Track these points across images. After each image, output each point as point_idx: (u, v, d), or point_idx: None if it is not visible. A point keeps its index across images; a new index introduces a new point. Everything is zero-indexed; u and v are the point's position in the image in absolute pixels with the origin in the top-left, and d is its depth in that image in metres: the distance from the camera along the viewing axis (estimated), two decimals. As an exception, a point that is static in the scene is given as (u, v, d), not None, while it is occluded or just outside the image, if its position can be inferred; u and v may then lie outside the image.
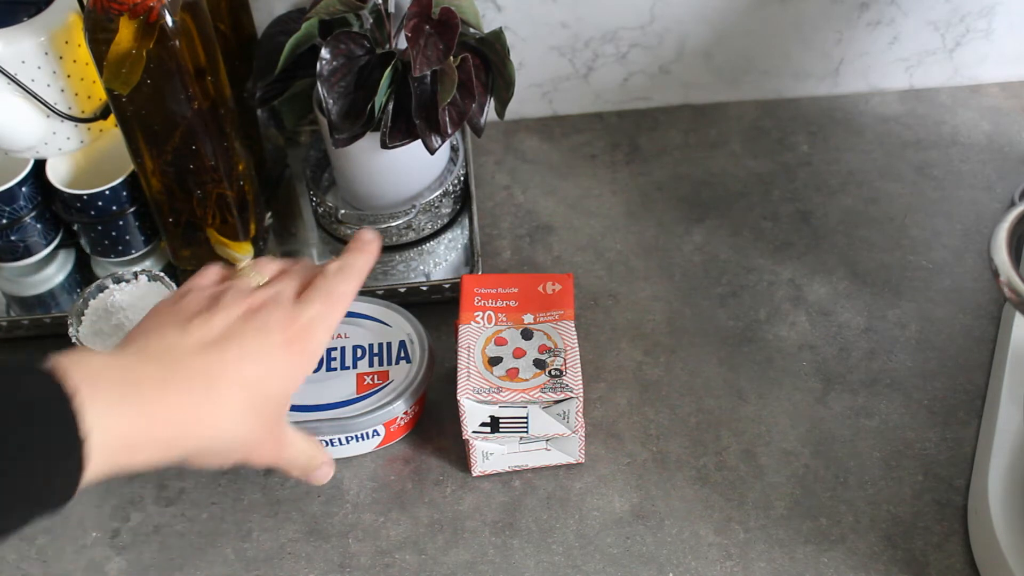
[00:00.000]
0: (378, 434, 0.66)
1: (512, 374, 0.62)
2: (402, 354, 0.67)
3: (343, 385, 0.66)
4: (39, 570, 0.64)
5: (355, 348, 0.68)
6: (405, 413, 0.66)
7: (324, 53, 0.68)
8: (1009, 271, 0.52)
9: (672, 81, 0.89)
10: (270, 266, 0.56)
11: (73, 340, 0.65)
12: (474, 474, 0.66)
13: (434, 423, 0.70)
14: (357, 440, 0.66)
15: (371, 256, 0.57)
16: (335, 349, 0.68)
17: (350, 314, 0.68)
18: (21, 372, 0.42)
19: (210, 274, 0.56)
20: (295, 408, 0.64)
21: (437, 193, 0.76)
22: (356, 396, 0.65)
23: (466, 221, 0.80)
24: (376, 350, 0.68)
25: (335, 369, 0.67)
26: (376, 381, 0.66)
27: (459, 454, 0.68)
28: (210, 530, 0.65)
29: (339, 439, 0.66)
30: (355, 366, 0.67)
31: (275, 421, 0.52)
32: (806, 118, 0.89)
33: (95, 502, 0.67)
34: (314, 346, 0.52)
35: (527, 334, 0.64)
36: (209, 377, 0.48)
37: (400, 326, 0.69)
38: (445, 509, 0.65)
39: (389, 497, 0.66)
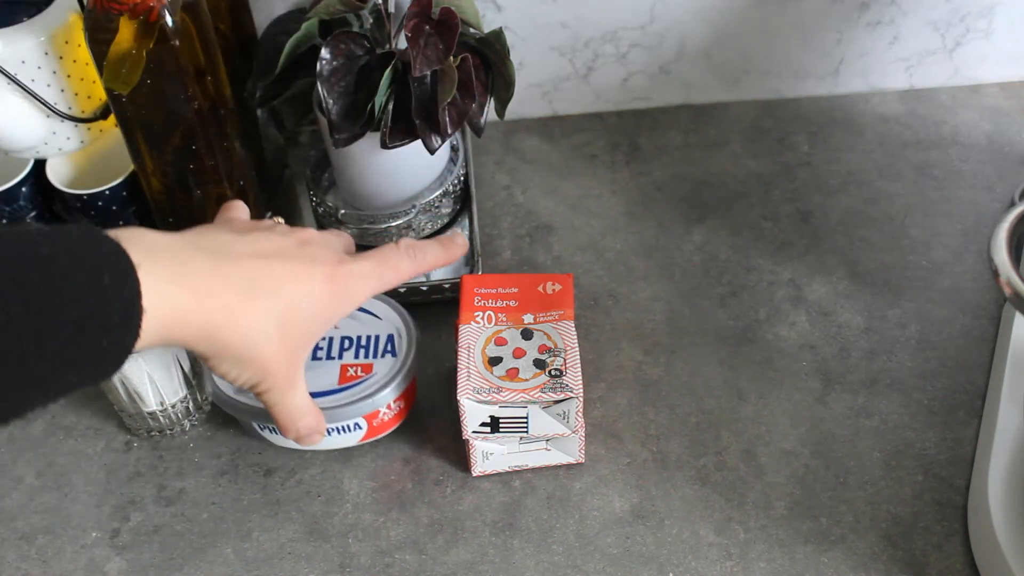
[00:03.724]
0: (360, 427, 0.66)
1: (512, 374, 0.62)
2: (388, 347, 0.67)
3: (325, 375, 0.65)
4: (39, 570, 0.64)
5: (342, 339, 0.67)
6: (388, 407, 0.66)
7: (324, 53, 0.68)
8: (1009, 271, 0.52)
9: (672, 81, 0.89)
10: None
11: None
12: (474, 474, 0.66)
13: (434, 423, 0.70)
14: (339, 432, 0.66)
15: (448, 252, 0.59)
16: (322, 339, 0.67)
17: None
18: (86, 237, 0.43)
19: (242, 210, 0.58)
20: None
21: (437, 193, 0.76)
22: (337, 387, 0.65)
23: (466, 221, 0.79)
24: (363, 342, 0.67)
25: (320, 359, 0.66)
26: (359, 373, 0.65)
27: (459, 454, 0.68)
28: (210, 530, 0.65)
29: None
30: (340, 356, 0.66)
31: (296, 352, 0.53)
32: (806, 118, 0.89)
33: (95, 502, 0.67)
34: (353, 292, 0.54)
35: (527, 334, 0.64)
36: (253, 282, 0.49)
37: (390, 319, 0.68)
38: (445, 509, 0.65)
39: (389, 497, 0.66)
